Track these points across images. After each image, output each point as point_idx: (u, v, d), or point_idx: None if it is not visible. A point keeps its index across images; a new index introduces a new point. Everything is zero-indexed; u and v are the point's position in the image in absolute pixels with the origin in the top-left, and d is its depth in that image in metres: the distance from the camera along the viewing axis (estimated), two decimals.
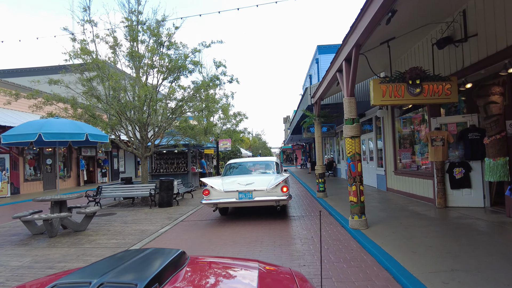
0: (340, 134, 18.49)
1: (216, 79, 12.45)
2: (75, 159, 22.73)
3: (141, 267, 1.47)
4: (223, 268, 1.87)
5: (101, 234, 7.00)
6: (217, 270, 1.82)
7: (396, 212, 7.42)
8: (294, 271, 1.86)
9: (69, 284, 1.31)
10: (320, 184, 10.59)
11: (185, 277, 1.55)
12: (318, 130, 10.62)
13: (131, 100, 11.02)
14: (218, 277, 1.74)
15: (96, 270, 1.46)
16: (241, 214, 8.73)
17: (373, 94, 6.21)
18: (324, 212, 8.49)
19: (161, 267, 1.46)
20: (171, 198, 10.69)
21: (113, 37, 11.07)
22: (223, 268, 1.87)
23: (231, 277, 1.79)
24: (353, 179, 6.06)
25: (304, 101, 12.30)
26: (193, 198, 12.72)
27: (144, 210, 10.28)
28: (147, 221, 8.39)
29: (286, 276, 1.79)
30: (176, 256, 1.67)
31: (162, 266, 1.47)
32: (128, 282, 1.29)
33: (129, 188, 11.20)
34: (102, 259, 1.70)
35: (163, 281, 1.39)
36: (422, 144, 9.20)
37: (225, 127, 26.45)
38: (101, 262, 1.62)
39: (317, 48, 26.36)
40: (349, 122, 6.10)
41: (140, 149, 11.98)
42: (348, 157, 6.14)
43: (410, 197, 9.37)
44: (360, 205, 6.05)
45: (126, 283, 1.28)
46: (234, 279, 1.77)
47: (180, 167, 15.35)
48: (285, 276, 1.80)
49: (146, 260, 1.60)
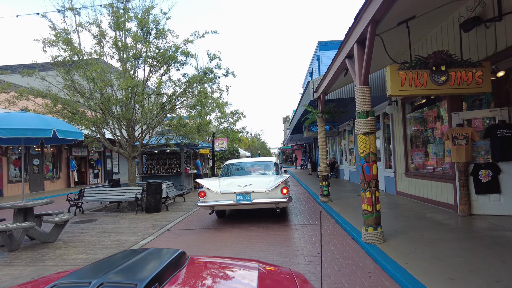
0: (343, 133, 17.50)
1: (210, 73, 11.48)
2: (65, 159, 21.72)
3: (141, 267, 1.47)
4: (223, 268, 1.86)
5: (71, 247, 6.01)
6: (217, 270, 1.81)
7: (413, 221, 6.44)
8: (294, 271, 1.85)
9: (68, 284, 1.31)
10: (324, 187, 9.61)
11: (185, 277, 1.55)
12: (322, 128, 9.64)
13: (115, 94, 10.02)
14: (218, 277, 1.73)
15: (96, 270, 1.46)
16: (235, 221, 7.75)
17: (390, 83, 5.23)
18: (329, 220, 7.51)
19: (161, 267, 1.45)
20: (159, 202, 9.69)
21: (98, 25, 10.08)
22: (223, 268, 1.86)
23: (231, 277, 1.77)
24: (367, 183, 5.08)
25: (306, 96, 11.33)
26: (185, 202, 11.73)
27: (129, 216, 9.29)
28: (129, 229, 7.39)
29: (286, 276, 1.78)
30: (176, 256, 1.66)
31: (162, 266, 1.47)
32: (128, 282, 1.28)
33: (114, 192, 10.20)
34: (102, 259, 1.70)
35: (163, 281, 1.39)
36: (438, 143, 8.24)
37: (222, 126, 25.52)
38: (101, 262, 1.63)
39: (318, 44, 25.40)
40: (362, 116, 5.12)
41: (127, 148, 11.01)
42: (361, 158, 5.17)
43: (424, 202, 8.40)
44: (376, 214, 5.07)
45: (126, 283, 1.27)
46: (234, 279, 1.76)
47: (172, 168, 14.35)
48: (285, 277, 1.79)
49: (146, 260, 1.60)
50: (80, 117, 9.61)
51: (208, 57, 11.54)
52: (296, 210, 9.03)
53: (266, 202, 6.72)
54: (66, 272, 1.60)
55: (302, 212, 8.66)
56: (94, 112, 10.21)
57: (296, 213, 8.48)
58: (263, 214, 8.47)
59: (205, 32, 10.82)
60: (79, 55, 9.66)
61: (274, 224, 7.23)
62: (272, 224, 7.24)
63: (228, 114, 22.44)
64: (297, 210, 8.94)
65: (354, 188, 13.02)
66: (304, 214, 8.36)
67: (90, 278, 1.30)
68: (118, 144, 10.84)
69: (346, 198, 10.11)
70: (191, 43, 10.74)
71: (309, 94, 10.95)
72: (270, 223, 7.36)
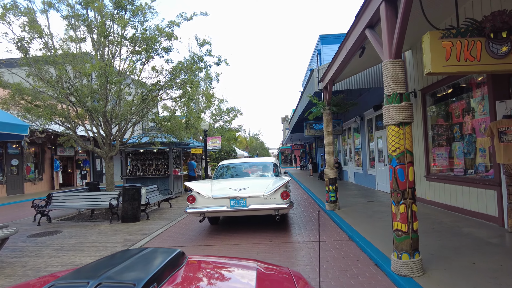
0: (348, 131, 16.10)
1: (199, 61, 10.06)
2: (49, 159, 20.25)
3: (139, 267, 1.46)
4: (221, 268, 1.84)
5: (4, 275, 4.58)
6: (215, 270, 1.79)
7: (450, 239, 5.04)
8: (293, 271, 1.83)
9: (67, 284, 1.29)
10: (331, 192, 8.20)
11: (183, 277, 1.53)
12: (329, 123, 8.22)
13: (89, 83, 8.57)
14: (217, 277, 1.71)
15: (94, 269, 1.46)
16: (225, 236, 6.33)
17: (430, 56, 3.82)
18: (340, 234, 6.08)
19: (159, 267, 1.44)
20: (137, 210, 8.25)
21: (68, 4, 8.63)
22: (222, 268, 1.84)
23: (229, 277, 1.75)
24: (401, 194, 3.68)
25: (309, 88, 9.92)
26: (171, 208, 10.29)
27: (101, 226, 7.86)
28: (93, 247, 5.96)
29: (285, 276, 1.76)
30: (174, 256, 1.65)
31: (160, 266, 1.46)
32: (126, 282, 1.27)
33: (87, 197, 8.75)
34: (100, 259, 1.68)
35: (161, 281, 1.37)
36: (468, 141, 6.87)
37: (217, 125, 24.08)
38: (99, 262, 1.61)
39: (319, 38, 24.00)
40: (394, 100, 3.72)
41: (105, 147, 9.57)
42: (393, 158, 3.77)
43: (453, 211, 7.00)
44: (413, 236, 3.67)
45: (124, 282, 1.26)
46: (233, 279, 1.74)
47: (159, 169, 12.90)
48: (283, 276, 1.77)
49: (144, 260, 1.58)
50: (42, 109, 8.15)
51: (197, 43, 10.14)
52: (298, 220, 7.61)
53: (264, 209, 5.91)
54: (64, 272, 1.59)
55: (307, 223, 7.24)
56: (65, 104, 8.78)
57: (299, 225, 7.05)
58: (260, 224, 7.06)
59: (194, 14, 9.42)
60: (44, 38, 8.21)
61: (272, 240, 5.82)
62: (269, 239, 5.82)
63: (224, 111, 21.01)
64: (300, 221, 7.52)
65: (362, 192, 11.62)
66: (309, 226, 6.94)
67: (88, 278, 1.29)
68: (93, 142, 9.39)
69: (356, 205, 8.71)
70: (177, 27, 9.31)
71: (313, 85, 9.54)
72: (267, 238, 5.95)
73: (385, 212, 7.46)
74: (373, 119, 12.11)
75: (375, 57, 7.24)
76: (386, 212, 7.46)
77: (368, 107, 12.12)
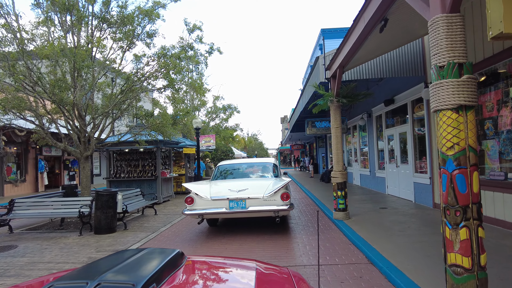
0: (352, 130, 14.88)
1: (189, 49, 8.85)
2: (33, 159, 18.97)
3: (138, 267, 1.44)
4: (220, 268, 1.83)
5: None
6: (214, 270, 1.78)
7: (509, 266, 3.83)
8: (292, 271, 1.84)
9: (66, 284, 1.29)
10: (340, 199, 6.99)
11: (182, 277, 1.53)
12: (337, 117, 7.01)
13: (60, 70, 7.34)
14: (216, 277, 1.70)
15: (93, 270, 1.45)
16: (214, 253, 5.10)
17: (502, 8, 2.62)
18: (356, 254, 4.87)
19: (159, 267, 1.43)
20: (112, 219, 7.03)
21: None
22: (221, 268, 1.83)
23: (229, 277, 1.73)
24: (461, 211, 2.47)
25: (314, 77, 8.70)
26: (156, 215, 9.06)
27: (68, 239, 6.64)
28: (45, 270, 4.74)
29: (284, 276, 1.75)
30: (173, 256, 1.64)
31: (159, 266, 1.45)
32: (126, 282, 1.27)
33: (55, 204, 7.53)
34: (100, 259, 1.68)
35: (160, 281, 1.37)
36: (506, 138, 5.69)
37: (213, 123, 22.83)
38: (98, 262, 1.60)
39: (320, 32, 22.84)
40: (449, 73, 2.52)
41: (80, 146, 8.35)
42: (449, 159, 2.56)
43: (494, 224, 5.79)
44: (480, 276, 2.46)
45: (124, 282, 1.26)
46: (232, 279, 1.72)
47: (146, 170, 11.67)
48: (283, 276, 1.75)
49: (143, 260, 1.57)
50: (5, 102, 6.93)
51: (187, 28, 8.96)
52: (302, 233, 6.39)
53: (264, 210, 5.78)
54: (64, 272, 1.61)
55: (312, 237, 6.02)
56: (32, 97, 7.56)
57: (304, 240, 5.81)
58: (258, 238, 5.84)
59: None
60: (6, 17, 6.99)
61: (270, 261, 4.59)
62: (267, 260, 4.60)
63: (220, 109, 19.79)
64: (303, 234, 6.30)
65: (370, 196, 10.42)
66: (315, 242, 5.72)
67: (87, 278, 1.28)
68: (64, 140, 8.15)
69: (367, 214, 7.50)
70: (163, 8, 8.10)
71: (318, 75, 8.33)
72: (265, 259, 4.72)
73: (405, 223, 6.26)
74: (382, 116, 10.91)
75: (394, 36, 6.05)
76: (405, 223, 6.26)
77: (377, 102, 10.93)
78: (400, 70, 7.92)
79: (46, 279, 1.57)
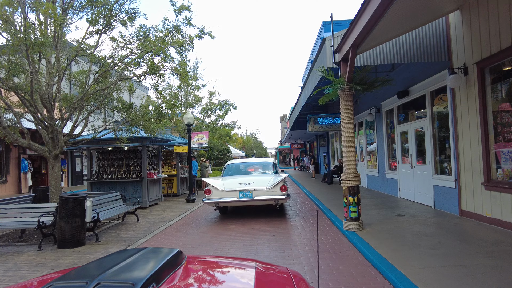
0: (358, 127, 13.73)
1: (176, 32, 7.68)
2: (15, 159, 17.79)
3: (137, 267, 1.43)
4: (220, 268, 1.83)
5: None
6: (214, 270, 1.78)
7: None
8: (291, 270, 1.80)
9: (65, 284, 1.27)
10: (352, 206, 5.84)
11: (182, 277, 1.51)
12: (348, 109, 5.84)
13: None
14: (215, 276, 1.69)
15: (92, 269, 1.43)
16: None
17: None
18: (382, 284, 3.70)
19: (158, 267, 1.41)
20: (79, 231, 5.86)
21: None
22: (220, 268, 1.83)
23: (228, 276, 1.72)
24: None
25: (320, 62, 7.53)
26: (138, 223, 7.89)
27: (23, 255, 5.46)
28: None
29: (283, 275, 1.74)
30: (173, 255, 1.63)
31: (159, 265, 1.43)
32: (125, 281, 1.24)
33: (11, 212, 6.35)
34: (99, 259, 1.65)
35: (160, 280, 1.35)
36: None
37: (208, 120, 21.61)
38: (98, 262, 1.58)
39: (322, 25, 21.68)
40: None
41: (49, 144, 7.18)
42: None
43: None
44: None
45: (123, 282, 1.23)
46: (232, 278, 1.71)
47: (131, 171, 10.49)
48: (282, 276, 1.74)
49: (143, 259, 1.55)
50: None
51: (174, 9, 7.77)
52: (307, 248, 5.22)
53: (267, 199, 7.20)
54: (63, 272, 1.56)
55: (321, 256, 4.86)
56: None
57: (309, 261, 4.66)
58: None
59: None
60: None
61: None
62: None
63: (216, 105, 18.61)
64: (309, 250, 5.13)
65: (381, 200, 9.29)
66: (325, 264, 4.56)
67: (86, 278, 1.27)
68: (28, 137, 6.97)
69: (383, 223, 6.35)
70: None
71: (324, 59, 7.17)
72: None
73: (433, 237, 5.11)
74: (394, 110, 9.76)
75: (414, 14, 4.91)
76: (433, 237, 5.11)
77: (388, 95, 9.77)
78: (419, 54, 6.75)
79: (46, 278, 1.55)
